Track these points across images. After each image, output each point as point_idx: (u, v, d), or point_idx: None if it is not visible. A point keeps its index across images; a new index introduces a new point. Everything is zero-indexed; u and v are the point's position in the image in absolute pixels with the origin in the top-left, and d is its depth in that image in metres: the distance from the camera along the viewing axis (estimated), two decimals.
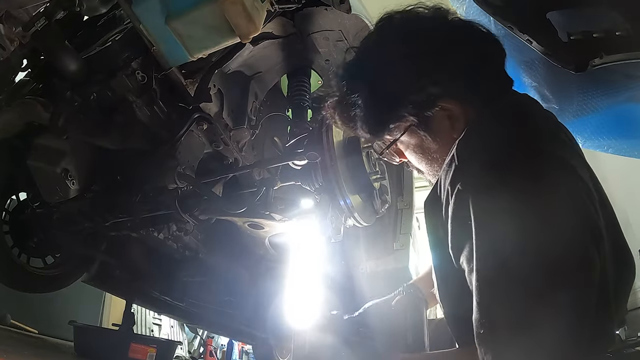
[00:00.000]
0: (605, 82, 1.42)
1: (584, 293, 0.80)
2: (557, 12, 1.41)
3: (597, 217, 0.88)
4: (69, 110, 1.51)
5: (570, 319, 0.78)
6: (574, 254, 0.80)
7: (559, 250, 0.79)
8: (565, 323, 0.78)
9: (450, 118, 1.04)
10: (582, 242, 0.82)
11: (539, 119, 1.01)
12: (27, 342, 2.18)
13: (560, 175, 0.86)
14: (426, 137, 1.08)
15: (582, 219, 0.84)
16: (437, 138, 1.07)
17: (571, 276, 0.79)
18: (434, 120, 1.05)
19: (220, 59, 1.62)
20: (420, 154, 1.12)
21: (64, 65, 1.48)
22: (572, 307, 0.78)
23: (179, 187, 1.63)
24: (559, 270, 0.78)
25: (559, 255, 0.79)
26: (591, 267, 0.81)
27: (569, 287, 0.78)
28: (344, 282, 2.19)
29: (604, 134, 1.52)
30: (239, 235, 1.95)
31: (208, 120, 1.67)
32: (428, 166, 1.13)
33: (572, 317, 0.78)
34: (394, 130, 1.10)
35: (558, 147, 0.93)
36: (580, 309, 0.79)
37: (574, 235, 0.81)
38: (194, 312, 2.40)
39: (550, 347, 0.77)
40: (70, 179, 1.57)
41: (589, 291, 0.80)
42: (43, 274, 1.93)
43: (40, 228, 1.85)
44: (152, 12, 1.35)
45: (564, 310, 0.78)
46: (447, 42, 1.04)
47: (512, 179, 0.84)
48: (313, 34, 1.77)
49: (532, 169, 0.85)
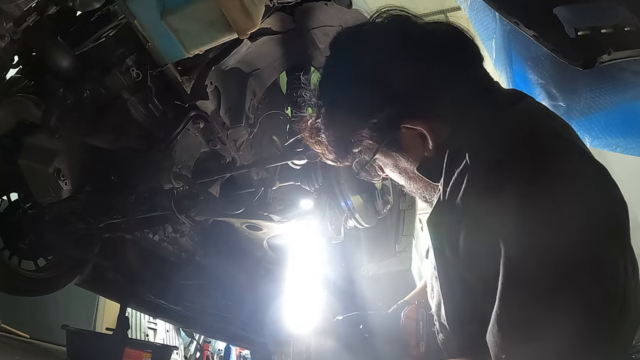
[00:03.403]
0: (614, 79, 1.40)
1: (595, 295, 0.78)
2: (564, 7, 1.39)
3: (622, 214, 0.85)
4: (61, 108, 1.49)
5: (580, 322, 0.76)
6: (583, 255, 0.78)
7: (568, 252, 0.77)
8: (575, 326, 0.76)
9: (420, 136, 0.99)
10: (593, 244, 0.79)
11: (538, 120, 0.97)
12: (18, 346, 2.17)
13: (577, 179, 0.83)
14: (399, 157, 1.05)
15: (595, 219, 0.81)
16: (410, 158, 1.04)
17: (580, 278, 0.77)
18: (404, 140, 1.01)
19: (217, 56, 1.61)
20: (398, 173, 1.10)
21: (57, 62, 1.47)
22: (582, 310, 0.76)
23: (174, 187, 1.61)
24: (567, 272, 0.77)
25: (567, 258, 0.77)
26: (602, 269, 0.79)
27: (578, 289, 0.77)
28: (345, 285, 2.18)
29: (612, 133, 1.49)
30: (236, 236, 1.94)
31: (205, 119, 1.65)
32: (409, 184, 1.10)
33: (583, 319, 0.76)
34: (364, 154, 1.08)
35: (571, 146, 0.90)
36: (592, 312, 0.77)
37: (584, 237, 0.78)
38: (190, 316, 2.39)
39: (560, 350, 0.76)
40: (62, 179, 1.54)
41: (600, 293, 0.78)
42: (35, 277, 1.91)
43: (32, 229, 1.83)
44: (147, 7, 1.33)
45: (573, 313, 0.76)
46: (400, 58, 0.99)
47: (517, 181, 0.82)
48: (313, 30, 1.76)
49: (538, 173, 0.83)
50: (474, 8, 1.52)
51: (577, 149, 0.90)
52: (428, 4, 4.32)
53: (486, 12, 1.46)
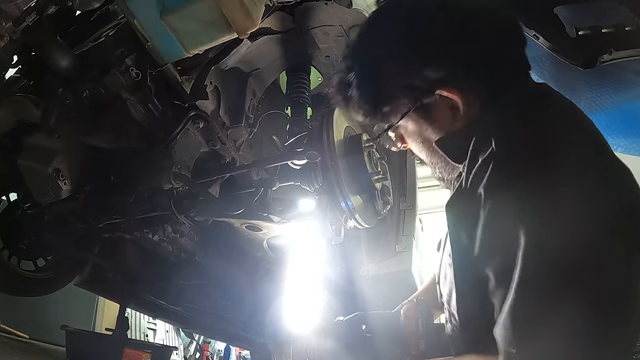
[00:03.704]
0: (615, 78, 1.39)
1: (601, 294, 0.78)
2: (564, 7, 1.38)
3: None
4: (60, 108, 1.49)
5: (590, 319, 0.76)
6: (591, 255, 0.78)
7: (585, 250, 0.77)
8: (586, 323, 0.76)
9: (452, 109, 0.99)
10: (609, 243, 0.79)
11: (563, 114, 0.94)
12: (18, 347, 2.17)
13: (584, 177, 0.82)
14: (426, 125, 1.03)
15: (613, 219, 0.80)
16: (437, 128, 1.02)
17: (595, 276, 0.77)
18: (434, 109, 1.00)
19: (217, 55, 1.60)
20: (421, 143, 1.07)
21: (56, 61, 1.46)
22: (592, 307, 0.77)
23: (174, 187, 1.61)
24: (582, 270, 0.77)
25: (584, 256, 0.77)
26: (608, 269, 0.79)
27: (591, 287, 0.77)
28: (345, 286, 2.17)
29: (613, 132, 1.49)
30: (236, 237, 1.93)
31: (204, 119, 1.65)
32: (429, 157, 1.08)
33: (593, 317, 0.76)
34: (391, 115, 1.04)
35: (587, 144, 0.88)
36: (602, 309, 0.77)
37: (603, 235, 0.79)
38: (189, 316, 2.39)
39: (567, 347, 0.76)
40: (62, 179, 1.54)
41: (607, 292, 0.78)
42: (34, 277, 1.91)
43: (31, 229, 1.83)
44: (147, 6, 1.33)
45: (586, 310, 0.76)
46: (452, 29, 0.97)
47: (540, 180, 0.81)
48: (313, 29, 1.76)
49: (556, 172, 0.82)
50: None
51: (604, 149, 0.88)
52: None
53: None
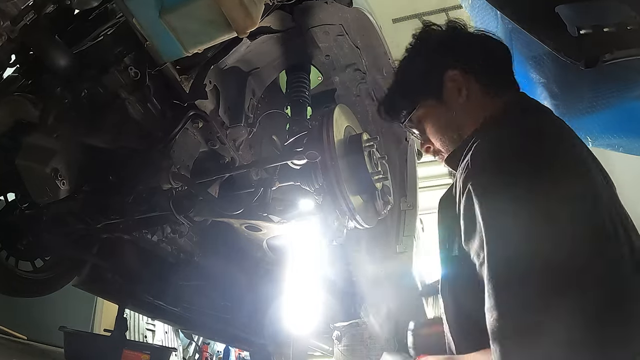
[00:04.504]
0: (617, 78, 1.38)
1: (587, 296, 0.79)
2: (566, 6, 1.37)
3: (609, 221, 0.87)
4: (59, 108, 1.48)
5: (574, 322, 0.78)
6: (576, 256, 0.80)
7: (562, 252, 0.80)
8: (570, 325, 0.77)
9: (459, 90, 1.18)
10: (586, 246, 0.82)
11: (550, 124, 1.04)
12: (16, 348, 2.16)
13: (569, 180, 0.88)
14: (439, 105, 1.21)
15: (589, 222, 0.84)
16: (448, 105, 1.20)
17: (574, 278, 0.79)
18: (445, 91, 1.20)
19: (216, 55, 1.59)
20: (436, 123, 1.24)
21: (54, 60, 1.45)
22: (575, 310, 0.78)
23: (173, 187, 1.60)
24: (561, 272, 0.79)
25: (561, 258, 0.80)
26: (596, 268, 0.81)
27: (571, 289, 0.79)
28: (345, 287, 2.16)
29: (614, 132, 1.48)
30: (235, 237, 1.92)
31: (204, 118, 1.64)
32: (443, 135, 1.23)
33: (577, 319, 0.78)
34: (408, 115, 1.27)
35: (571, 151, 0.96)
36: (585, 312, 0.79)
37: (578, 239, 0.82)
38: (189, 317, 2.38)
39: (556, 348, 0.77)
40: (60, 179, 1.52)
41: (593, 294, 0.80)
42: (32, 278, 1.90)
43: (29, 230, 1.82)
44: (146, 5, 1.32)
45: (567, 313, 0.78)
46: (462, 40, 1.25)
47: (520, 182, 0.87)
48: (313, 28, 1.76)
49: (540, 174, 0.88)
50: (475, 6, 1.51)
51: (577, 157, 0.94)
52: (429, 2, 4.32)
53: (487, 10, 1.45)
